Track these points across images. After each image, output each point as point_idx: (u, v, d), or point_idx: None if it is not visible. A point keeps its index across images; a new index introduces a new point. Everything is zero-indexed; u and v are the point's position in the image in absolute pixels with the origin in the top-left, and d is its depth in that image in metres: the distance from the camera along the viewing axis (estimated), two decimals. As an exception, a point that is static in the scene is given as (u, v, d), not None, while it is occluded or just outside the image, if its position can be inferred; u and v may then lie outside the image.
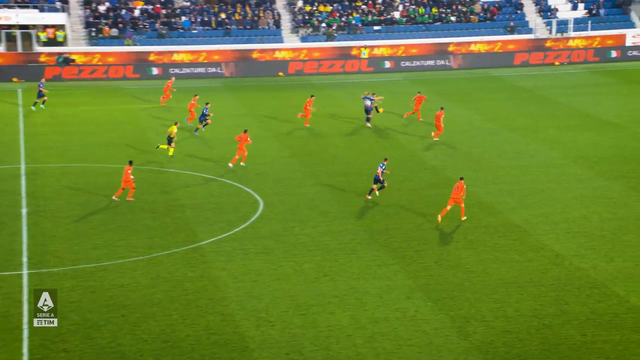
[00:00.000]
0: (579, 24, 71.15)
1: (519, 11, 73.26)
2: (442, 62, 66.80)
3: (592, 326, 22.90)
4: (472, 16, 72.04)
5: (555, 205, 33.03)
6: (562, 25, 71.12)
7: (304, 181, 36.73)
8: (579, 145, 41.81)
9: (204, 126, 44.16)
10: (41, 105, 51.16)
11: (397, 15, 71.89)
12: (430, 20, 71.66)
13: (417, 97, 47.15)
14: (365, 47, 66.54)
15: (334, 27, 69.55)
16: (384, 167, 33.60)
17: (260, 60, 65.51)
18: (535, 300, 24.57)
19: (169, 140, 39.91)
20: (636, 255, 27.71)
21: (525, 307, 24.11)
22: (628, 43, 69.13)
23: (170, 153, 39.96)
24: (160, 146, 40.59)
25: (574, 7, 73.76)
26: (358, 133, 45.36)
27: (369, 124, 45.87)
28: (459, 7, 72.87)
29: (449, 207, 31.07)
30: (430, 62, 66.50)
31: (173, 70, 62.53)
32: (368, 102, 45.61)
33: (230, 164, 38.17)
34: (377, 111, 46.55)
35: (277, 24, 69.69)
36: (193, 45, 65.81)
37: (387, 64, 65.97)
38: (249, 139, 38.07)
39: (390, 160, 39.65)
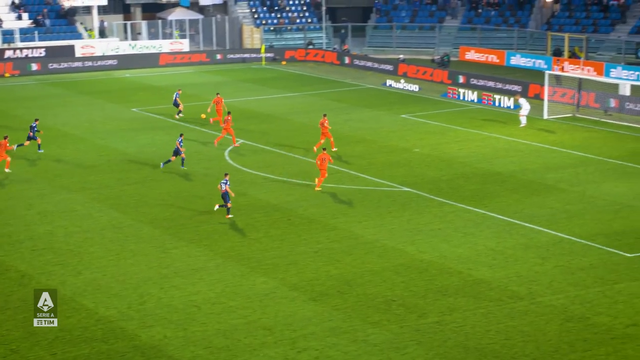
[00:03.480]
0: (26, 34, 71.26)
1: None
2: None
3: (62, 343, 23.15)
4: None
5: (18, 224, 32.70)
6: (9, 35, 70.59)
7: None
8: (42, 159, 41.86)
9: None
10: None
11: None
12: None
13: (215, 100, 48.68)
14: None
15: None
16: (226, 183, 32.62)
17: None
18: (0, 326, 24.01)
19: None
20: (102, 266, 28.73)
21: (-14, 336, 23.46)
22: (77, 54, 71.27)
23: None
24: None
25: (19, 17, 73.61)
26: None
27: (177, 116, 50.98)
28: None
29: (322, 178, 36.43)
30: None
31: None
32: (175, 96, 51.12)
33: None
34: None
35: None
36: None
37: None
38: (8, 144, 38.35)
39: None
